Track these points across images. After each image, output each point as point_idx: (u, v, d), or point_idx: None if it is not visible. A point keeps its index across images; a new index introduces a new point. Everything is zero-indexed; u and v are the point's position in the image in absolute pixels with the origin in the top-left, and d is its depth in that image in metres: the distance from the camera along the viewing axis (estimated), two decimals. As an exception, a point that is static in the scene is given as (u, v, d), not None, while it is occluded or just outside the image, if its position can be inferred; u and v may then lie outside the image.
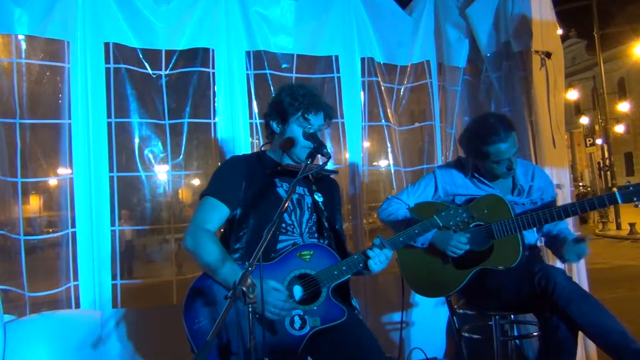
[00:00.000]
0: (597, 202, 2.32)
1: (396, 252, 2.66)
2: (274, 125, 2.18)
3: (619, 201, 2.27)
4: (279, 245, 2.06)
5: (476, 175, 2.59)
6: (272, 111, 2.19)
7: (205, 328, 1.90)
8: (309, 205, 2.18)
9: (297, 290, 1.99)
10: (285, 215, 2.10)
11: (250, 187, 2.10)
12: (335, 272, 1.97)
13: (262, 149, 2.32)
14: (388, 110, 3.47)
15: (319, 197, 2.19)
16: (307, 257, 2.00)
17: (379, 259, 1.99)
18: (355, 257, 2.00)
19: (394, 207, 2.62)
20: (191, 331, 1.91)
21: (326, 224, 2.17)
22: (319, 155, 1.99)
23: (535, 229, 2.54)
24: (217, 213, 2.07)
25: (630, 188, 2.26)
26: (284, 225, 2.09)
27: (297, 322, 1.92)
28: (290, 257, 2.00)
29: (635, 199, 2.25)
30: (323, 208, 2.18)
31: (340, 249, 2.17)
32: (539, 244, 2.75)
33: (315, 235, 2.16)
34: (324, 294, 1.96)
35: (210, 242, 1.98)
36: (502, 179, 2.56)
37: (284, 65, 3.22)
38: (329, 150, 1.98)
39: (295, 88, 2.17)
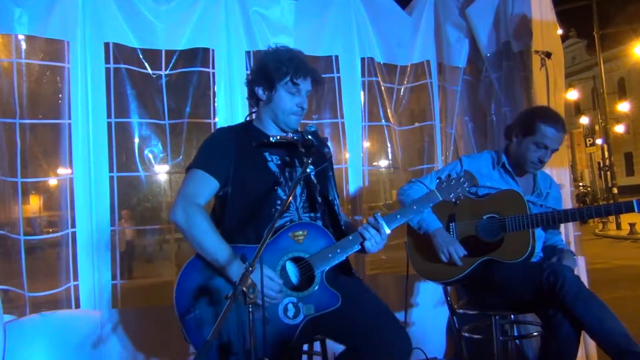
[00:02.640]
0: (613, 209, 2.40)
1: (406, 232, 2.67)
2: (260, 91, 2.08)
3: (636, 210, 2.32)
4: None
5: (505, 168, 2.61)
6: (256, 77, 2.08)
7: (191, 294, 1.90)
8: (306, 181, 2.08)
9: (292, 276, 1.95)
10: (280, 190, 2.01)
11: (240, 162, 2.01)
12: (330, 255, 1.91)
13: (247, 119, 2.21)
14: (388, 110, 3.47)
15: (309, 169, 2.01)
16: (301, 238, 1.94)
17: (375, 240, 1.90)
18: (351, 237, 1.93)
19: (415, 190, 2.63)
20: (177, 294, 1.92)
21: (319, 198, 2.08)
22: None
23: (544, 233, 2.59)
24: (207, 187, 1.99)
25: None
26: (279, 202, 2.00)
27: (291, 311, 1.87)
28: (283, 238, 1.93)
29: None
30: (315, 181, 2.09)
31: (334, 223, 2.11)
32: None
33: (308, 209, 2.07)
34: (317, 279, 1.90)
35: (204, 221, 1.91)
36: (528, 171, 2.59)
37: (284, 65, 3.21)
38: (330, 150, 1.97)
39: (282, 52, 2.08)
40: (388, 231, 1.92)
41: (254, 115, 2.19)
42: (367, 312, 1.89)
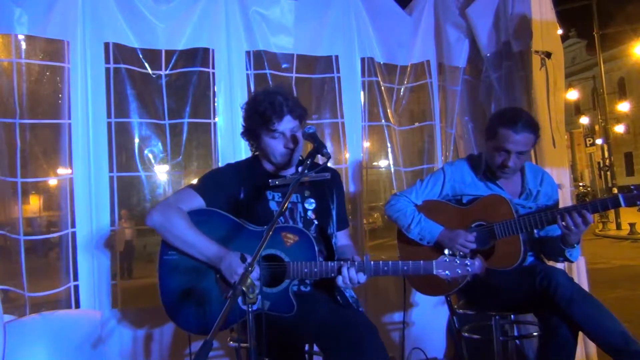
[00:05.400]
0: (600, 205, 2.30)
1: (397, 247, 2.67)
2: (252, 145, 2.21)
3: (622, 205, 2.25)
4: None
5: (488, 174, 2.57)
6: (244, 133, 2.20)
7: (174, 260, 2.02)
8: (302, 215, 2.16)
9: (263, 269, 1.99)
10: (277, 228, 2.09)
11: (242, 200, 2.10)
12: (306, 270, 1.95)
13: (257, 153, 2.28)
14: (388, 110, 3.47)
15: (309, 205, 2.17)
16: (290, 241, 1.99)
17: (349, 281, 1.92)
18: (330, 265, 1.96)
19: (402, 204, 2.60)
20: (161, 260, 2.02)
21: (313, 234, 2.14)
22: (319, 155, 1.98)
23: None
24: (192, 202, 2.07)
25: (634, 192, 2.23)
26: None
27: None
28: (274, 233, 1.97)
29: (638, 202, 2.23)
30: (314, 217, 2.17)
31: (328, 254, 2.16)
32: None
33: None
34: (284, 284, 1.96)
35: (183, 220, 1.99)
36: (500, 177, 2.53)
37: (284, 65, 3.22)
38: (328, 150, 1.97)
39: (255, 103, 2.11)
40: (364, 279, 1.94)
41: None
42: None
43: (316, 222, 2.17)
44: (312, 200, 2.18)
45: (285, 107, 2.06)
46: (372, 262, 1.96)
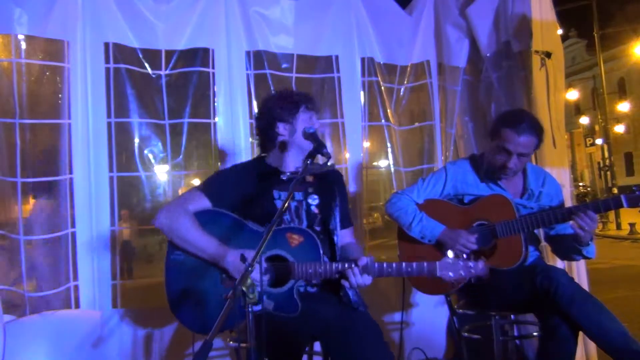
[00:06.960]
0: (602, 206, 2.31)
1: (398, 246, 2.67)
2: (281, 127, 2.16)
3: (624, 205, 2.26)
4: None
5: (489, 174, 2.56)
6: (274, 116, 2.17)
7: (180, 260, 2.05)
8: (305, 209, 2.18)
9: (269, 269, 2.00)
10: (283, 226, 2.10)
11: (249, 200, 2.10)
12: (310, 271, 1.96)
13: (262, 155, 2.30)
14: (388, 110, 3.47)
15: (312, 200, 2.19)
16: (295, 242, 2.00)
17: (354, 283, 1.93)
18: (335, 266, 1.97)
19: (404, 203, 2.60)
20: (168, 259, 2.06)
21: (317, 228, 2.17)
22: (319, 155, 1.98)
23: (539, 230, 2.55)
24: (198, 203, 2.09)
25: (637, 193, 2.24)
26: None
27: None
28: (279, 234, 2.00)
29: None
30: (317, 211, 2.19)
31: (331, 250, 2.17)
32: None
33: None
34: (289, 285, 1.97)
35: (186, 219, 2.02)
36: (500, 177, 2.53)
37: (284, 65, 3.22)
38: (328, 150, 1.97)
39: (281, 94, 2.24)
40: (370, 281, 1.95)
41: (267, 153, 2.26)
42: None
43: (320, 216, 2.19)
44: (315, 196, 2.21)
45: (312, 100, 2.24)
46: (376, 264, 1.96)
